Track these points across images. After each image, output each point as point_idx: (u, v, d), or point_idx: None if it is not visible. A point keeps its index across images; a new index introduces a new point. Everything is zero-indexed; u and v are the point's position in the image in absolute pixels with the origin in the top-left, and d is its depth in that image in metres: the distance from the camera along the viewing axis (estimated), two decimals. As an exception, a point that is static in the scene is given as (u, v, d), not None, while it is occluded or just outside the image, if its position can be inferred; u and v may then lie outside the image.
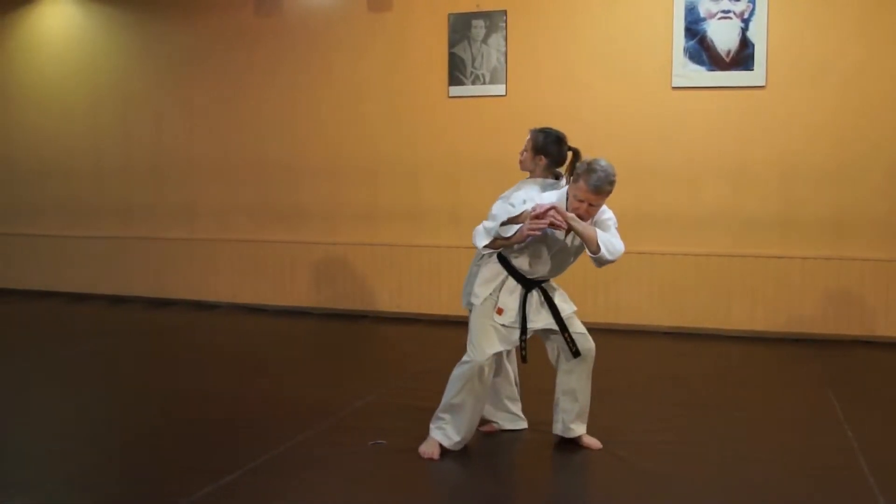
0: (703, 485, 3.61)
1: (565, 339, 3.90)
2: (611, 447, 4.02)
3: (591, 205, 3.65)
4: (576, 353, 3.91)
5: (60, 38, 8.50)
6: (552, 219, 3.54)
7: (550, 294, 3.92)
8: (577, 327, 3.95)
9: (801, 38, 6.38)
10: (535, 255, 3.82)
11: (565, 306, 3.96)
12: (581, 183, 3.62)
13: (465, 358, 3.88)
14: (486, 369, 3.84)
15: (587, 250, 3.69)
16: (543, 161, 4.03)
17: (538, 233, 3.58)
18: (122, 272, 8.40)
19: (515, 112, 6.92)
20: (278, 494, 3.53)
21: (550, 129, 4.06)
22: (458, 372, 3.90)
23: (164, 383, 5.35)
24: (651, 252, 6.73)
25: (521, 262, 3.84)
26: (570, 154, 4.02)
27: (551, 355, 4.03)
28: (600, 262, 3.68)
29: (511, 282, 3.87)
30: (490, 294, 3.88)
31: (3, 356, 6.18)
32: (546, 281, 3.94)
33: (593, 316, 6.61)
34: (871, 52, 6.25)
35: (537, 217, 3.54)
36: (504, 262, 3.89)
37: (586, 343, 3.95)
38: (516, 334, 3.88)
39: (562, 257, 3.85)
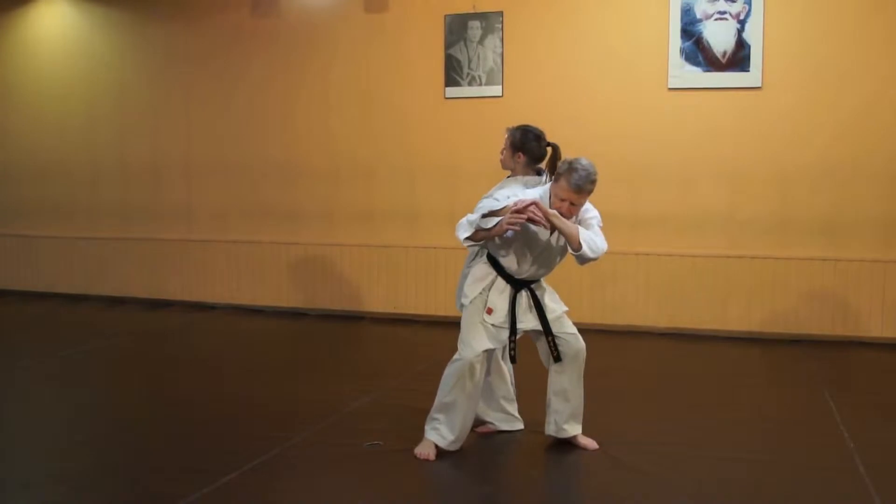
0: (700, 485, 3.62)
1: (548, 342, 3.91)
2: (606, 448, 4.04)
3: (572, 204, 3.67)
4: (556, 357, 3.92)
5: (56, 38, 8.49)
6: (531, 214, 3.56)
7: (539, 295, 3.93)
8: (567, 327, 3.96)
9: (797, 39, 6.40)
10: (520, 255, 3.83)
11: (555, 306, 3.97)
12: (562, 182, 3.65)
13: (455, 356, 3.90)
14: (478, 366, 3.86)
15: (569, 248, 3.71)
16: (522, 158, 4.07)
17: (517, 227, 3.61)
18: (120, 273, 8.40)
19: (512, 113, 6.80)
20: (276, 495, 3.54)
21: (528, 126, 4.10)
22: (449, 370, 3.91)
23: (162, 384, 5.36)
24: (647, 253, 6.75)
25: (508, 262, 3.86)
26: (549, 150, 4.05)
27: (542, 356, 4.03)
28: (582, 259, 3.70)
29: (500, 282, 3.89)
30: (480, 293, 3.89)
31: (1, 357, 6.18)
32: (536, 281, 3.95)
33: (590, 317, 6.65)
34: (866, 53, 6.27)
35: (517, 212, 3.57)
36: (493, 262, 3.91)
37: (577, 343, 3.96)
38: (506, 334, 3.89)
39: (547, 256, 3.86)
